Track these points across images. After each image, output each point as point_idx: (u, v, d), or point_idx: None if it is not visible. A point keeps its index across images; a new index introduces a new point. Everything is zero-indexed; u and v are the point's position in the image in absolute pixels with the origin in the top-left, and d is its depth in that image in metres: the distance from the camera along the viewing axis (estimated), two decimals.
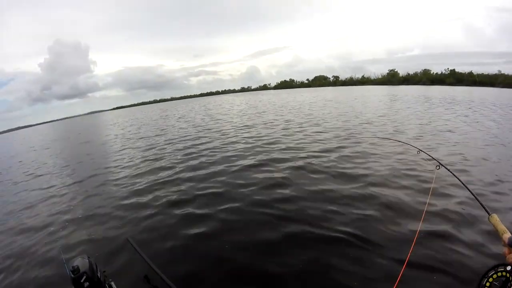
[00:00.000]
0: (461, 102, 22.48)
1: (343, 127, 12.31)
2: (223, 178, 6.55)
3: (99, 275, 2.13)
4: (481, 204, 2.05)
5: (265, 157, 8.00)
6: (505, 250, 1.35)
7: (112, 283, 2.28)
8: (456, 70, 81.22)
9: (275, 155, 8.12)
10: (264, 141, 10.28)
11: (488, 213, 1.77)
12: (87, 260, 2.11)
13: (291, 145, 9.36)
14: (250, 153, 8.75)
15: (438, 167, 3.47)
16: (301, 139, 10.29)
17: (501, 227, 1.59)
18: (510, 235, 1.41)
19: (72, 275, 1.95)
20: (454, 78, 76.60)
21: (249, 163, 7.52)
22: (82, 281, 1.96)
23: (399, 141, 7.12)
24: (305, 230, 3.98)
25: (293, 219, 4.33)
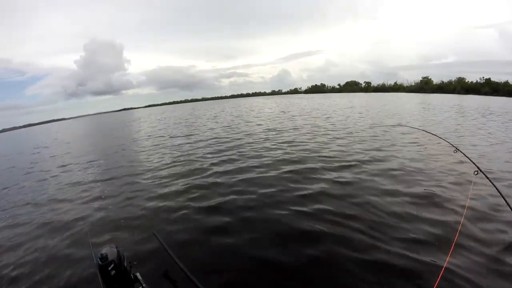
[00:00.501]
0: (500, 113, 21.04)
1: (379, 135, 11.99)
2: (252, 184, 6.55)
3: (125, 264, 2.17)
4: None
5: (297, 166, 7.76)
6: None
7: (138, 274, 2.31)
8: (492, 79, 76.89)
9: (308, 164, 7.88)
10: (297, 148, 10.17)
11: None
12: (115, 250, 2.15)
13: (325, 153, 9.12)
14: (281, 159, 8.65)
15: (476, 173, 3.32)
16: (337, 147, 10.06)
17: None
18: None
19: (100, 263, 1.99)
20: (489, 88, 72.05)
21: (280, 171, 7.39)
22: (109, 269, 1.99)
23: (436, 135, 7.01)
24: (336, 250, 3.77)
25: (325, 237, 4.12)
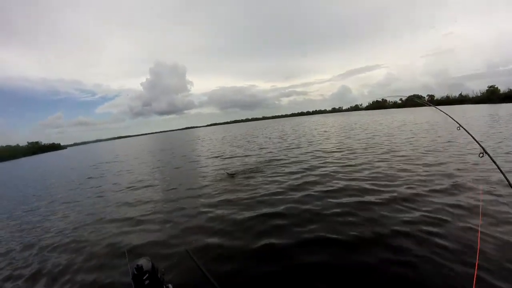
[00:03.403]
0: None
1: (450, 160, 9.54)
2: (304, 211, 6.02)
3: (159, 276, 2.24)
4: None
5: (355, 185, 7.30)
6: None
7: (170, 286, 2.34)
8: None
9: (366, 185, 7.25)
10: (351, 168, 9.41)
11: None
12: (150, 262, 2.23)
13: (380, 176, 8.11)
14: (337, 179, 8.16)
15: (481, 155, 2.81)
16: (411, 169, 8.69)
17: None
18: None
19: (135, 272, 2.08)
20: None
21: (341, 196, 6.68)
22: (144, 278, 2.08)
23: None
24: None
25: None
